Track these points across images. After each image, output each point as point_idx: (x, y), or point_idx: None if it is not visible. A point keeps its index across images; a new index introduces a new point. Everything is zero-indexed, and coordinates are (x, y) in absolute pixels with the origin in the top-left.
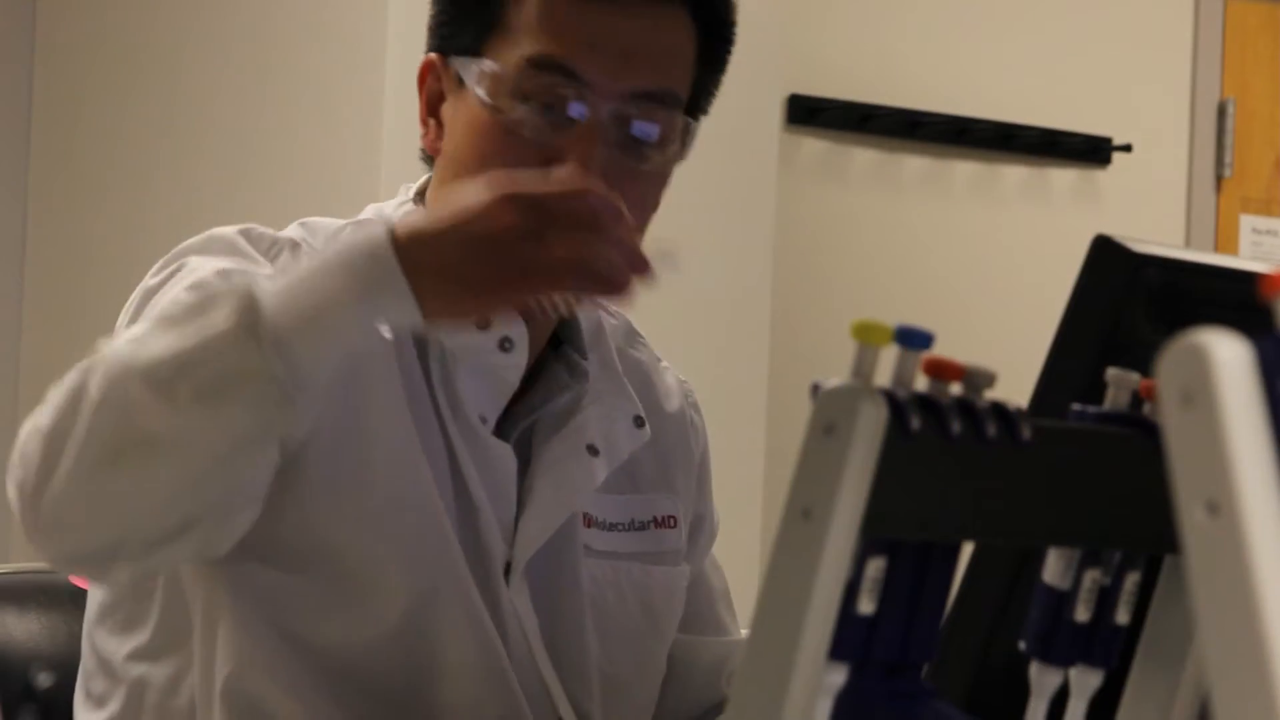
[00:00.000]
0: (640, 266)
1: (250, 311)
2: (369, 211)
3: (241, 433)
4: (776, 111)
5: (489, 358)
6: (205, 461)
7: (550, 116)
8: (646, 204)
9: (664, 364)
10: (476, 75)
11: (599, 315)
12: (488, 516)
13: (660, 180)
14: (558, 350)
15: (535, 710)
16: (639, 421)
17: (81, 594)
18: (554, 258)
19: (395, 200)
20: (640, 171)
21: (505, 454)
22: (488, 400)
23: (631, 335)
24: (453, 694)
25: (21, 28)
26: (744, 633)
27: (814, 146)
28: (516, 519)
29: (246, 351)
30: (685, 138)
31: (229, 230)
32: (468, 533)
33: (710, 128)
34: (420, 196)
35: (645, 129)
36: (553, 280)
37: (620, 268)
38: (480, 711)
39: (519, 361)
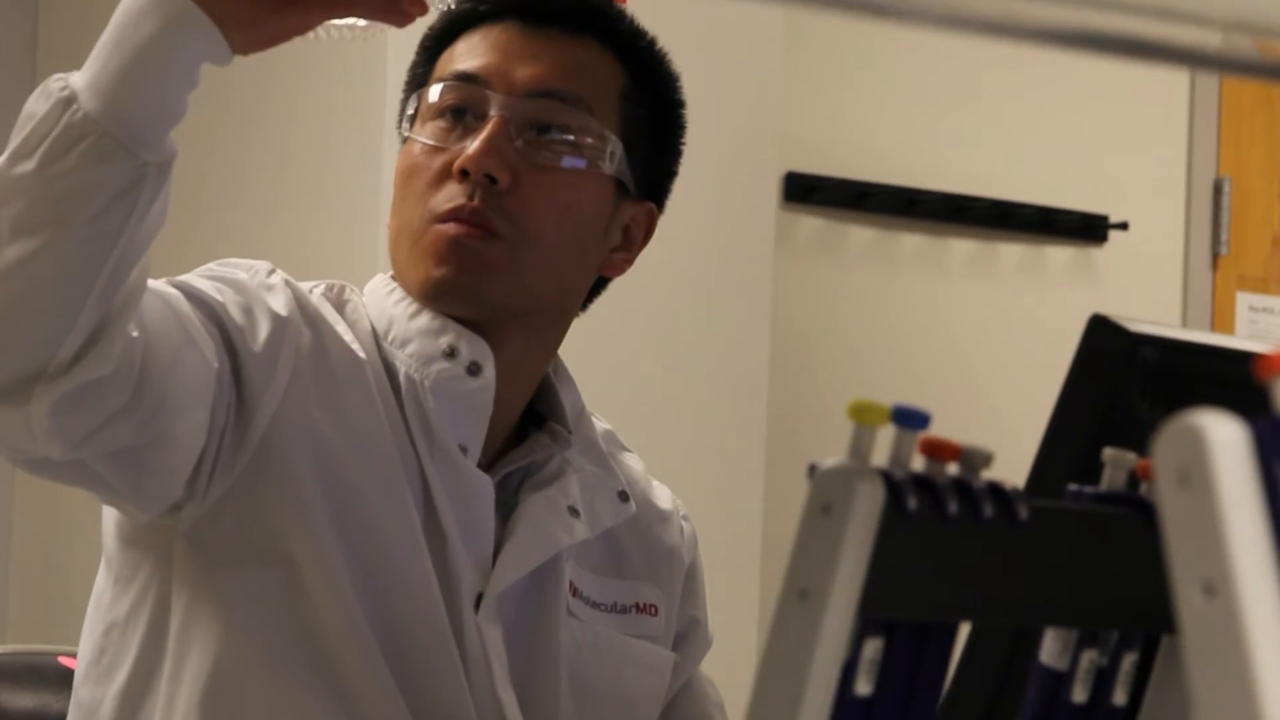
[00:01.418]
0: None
1: (66, 89)
2: (370, 285)
3: (97, 191)
4: (773, 189)
5: (459, 384)
6: (76, 230)
7: (461, 121)
8: (556, 201)
9: (656, 482)
10: (408, 122)
11: (583, 404)
12: (455, 544)
13: (572, 180)
14: (542, 427)
15: None
16: (623, 496)
17: (72, 674)
18: None
19: (377, 280)
20: (546, 166)
21: (483, 484)
22: (465, 428)
23: (619, 444)
24: (418, 700)
25: (23, 63)
26: None
27: (811, 224)
28: (496, 557)
29: (71, 116)
30: (602, 147)
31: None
32: (437, 559)
33: (707, 205)
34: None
35: (542, 118)
36: None
37: None
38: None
39: (487, 384)
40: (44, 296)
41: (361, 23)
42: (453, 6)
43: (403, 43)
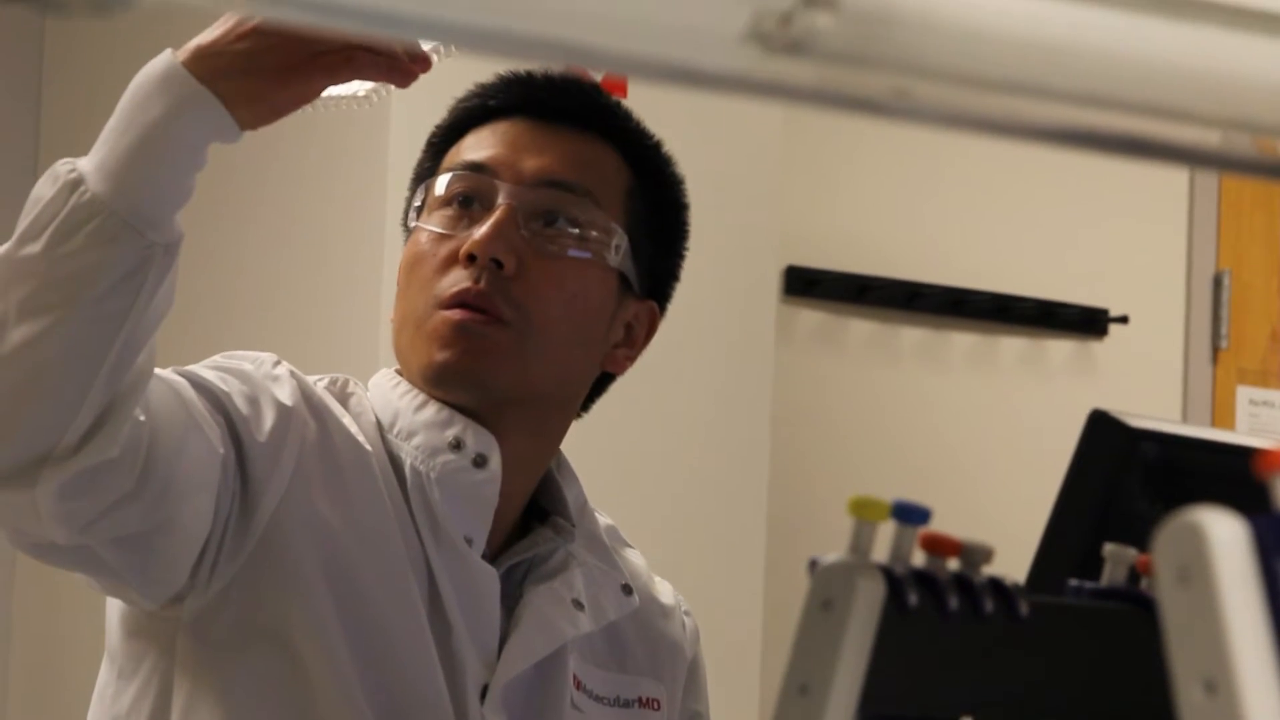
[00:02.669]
0: (420, 56)
1: (74, 172)
2: (374, 379)
3: (104, 272)
4: (774, 282)
5: (464, 476)
6: (83, 311)
7: (468, 211)
8: (563, 289)
9: (657, 578)
10: (414, 213)
11: (585, 498)
12: (460, 635)
13: (577, 270)
14: (545, 520)
15: None
16: (627, 590)
17: None
18: (339, 37)
19: (382, 374)
20: (553, 255)
21: (489, 576)
22: (470, 520)
23: (621, 540)
24: None
25: (25, 148)
26: None
27: (811, 317)
28: (501, 649)
29: (78, 197)
30: (607, 240)
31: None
32: (442, 650)
33: (709, 298)
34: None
35: (549, 207)
36: (345, 59)
37: (401, 53)
38: None
39: (493, 476)
40: (51, 378)
41: (363, 91)
42: (452, 50)
43: (403, 129)
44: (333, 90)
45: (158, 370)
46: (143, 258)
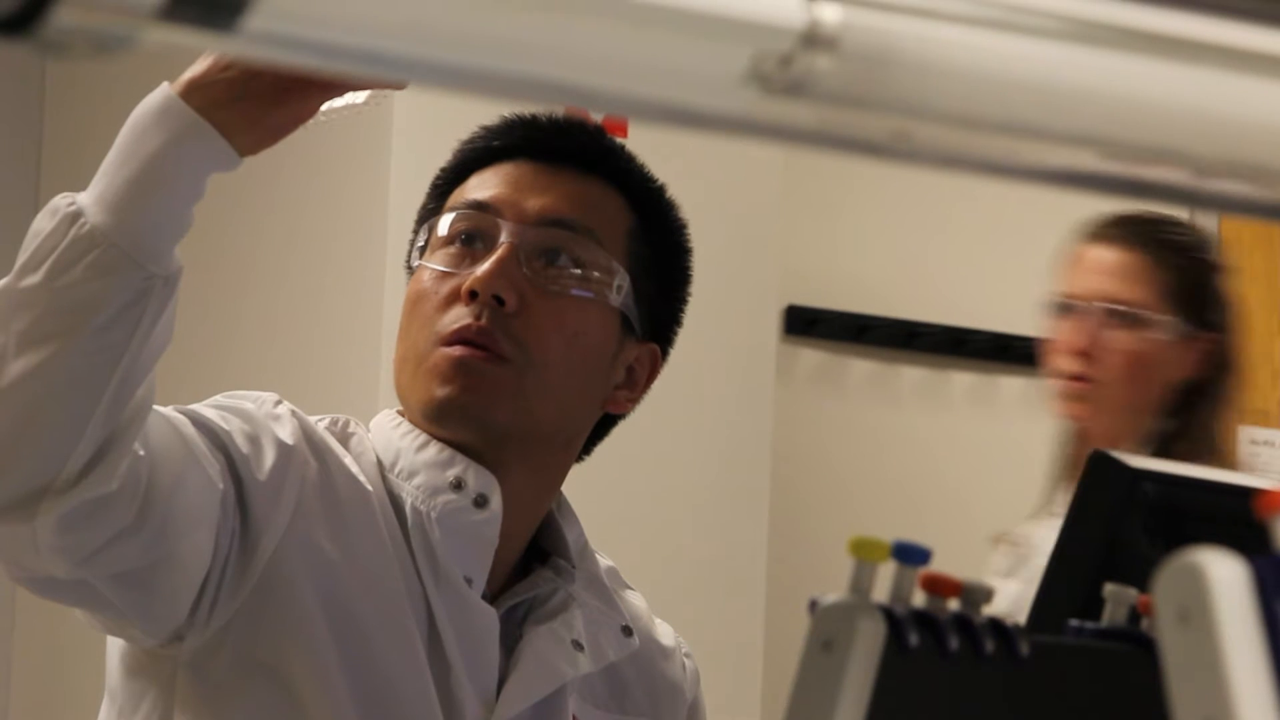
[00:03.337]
0: None
1: (73, 205)
2: (376, 420)
3: (104, 303)
4: (774, 322)
5: (465, 516)
6: (83, 342)
7: (471, 249)
8: (564, 327)
9: (658, 619)
10: (417, 253)
11: (585, 539)
12: (459, 675)
13: (579, 308)
14: (545, 561)
15: None
16: (627, 631)
17: None
18: None
19: (383, 414)
20: (554, 293)
21: (488, 616)
22: (471, 560)
23: (622, 582)
24: None
25: (28, 157)
26: None
27: (811, 357)
28: (500, 689)
29: (78, 229)
30: (609, 280)
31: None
32: (441, 690)
33: (709, 337)
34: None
35: (551, 246)
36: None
37: None
38: None
39: (494, 516)
40: (51, 409)
41: (361, 99)
42: None
43: (405, 169)
44: (332, 103)
45: (157, 407)
46: (142, 289)
